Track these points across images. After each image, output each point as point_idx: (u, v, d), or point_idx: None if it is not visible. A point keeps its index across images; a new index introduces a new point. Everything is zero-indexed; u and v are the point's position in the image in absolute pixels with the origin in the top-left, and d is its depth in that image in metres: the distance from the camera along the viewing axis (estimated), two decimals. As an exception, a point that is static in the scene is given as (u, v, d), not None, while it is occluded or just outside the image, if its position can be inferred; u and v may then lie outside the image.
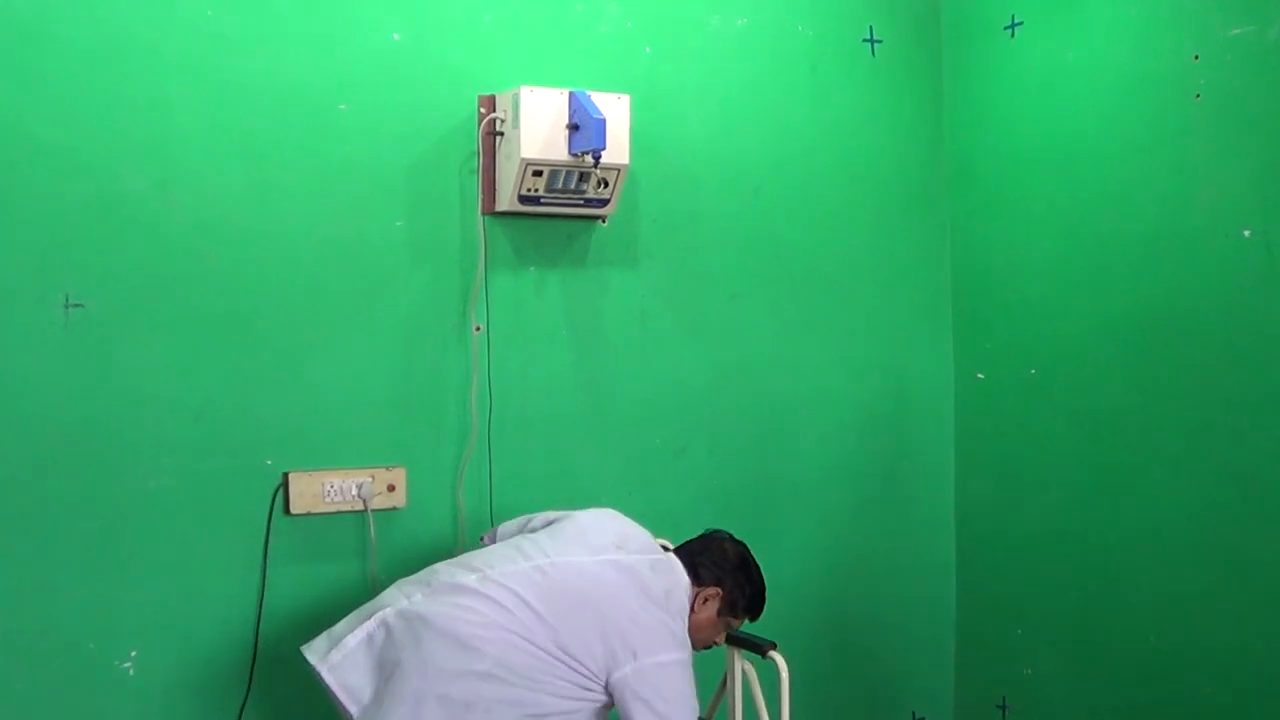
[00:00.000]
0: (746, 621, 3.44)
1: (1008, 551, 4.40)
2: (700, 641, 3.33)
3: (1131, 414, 3.96)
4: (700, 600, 3.28)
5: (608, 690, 3.04)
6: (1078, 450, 4.13)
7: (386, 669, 2.96)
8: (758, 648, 3.59)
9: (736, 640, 3.65)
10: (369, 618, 3.05)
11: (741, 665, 3.63)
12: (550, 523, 3.40)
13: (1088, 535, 4.11)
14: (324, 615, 3.25)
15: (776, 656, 3.55)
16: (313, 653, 3.06)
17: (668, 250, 4.07)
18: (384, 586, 3.24)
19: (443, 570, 3.14)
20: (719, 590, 3.29)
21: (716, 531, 3.44)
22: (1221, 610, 3.73)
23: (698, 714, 3.12)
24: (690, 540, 3.41)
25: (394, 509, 3.64)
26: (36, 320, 3.23)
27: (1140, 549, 3.94)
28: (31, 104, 3.22)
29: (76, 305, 3.27)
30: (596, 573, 3.11)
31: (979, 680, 4.53)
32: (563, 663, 2.99)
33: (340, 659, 3.00)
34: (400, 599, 3.07)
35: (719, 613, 3.32)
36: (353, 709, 2.96)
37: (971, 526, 4.54)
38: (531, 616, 2.99)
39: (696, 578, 3.28)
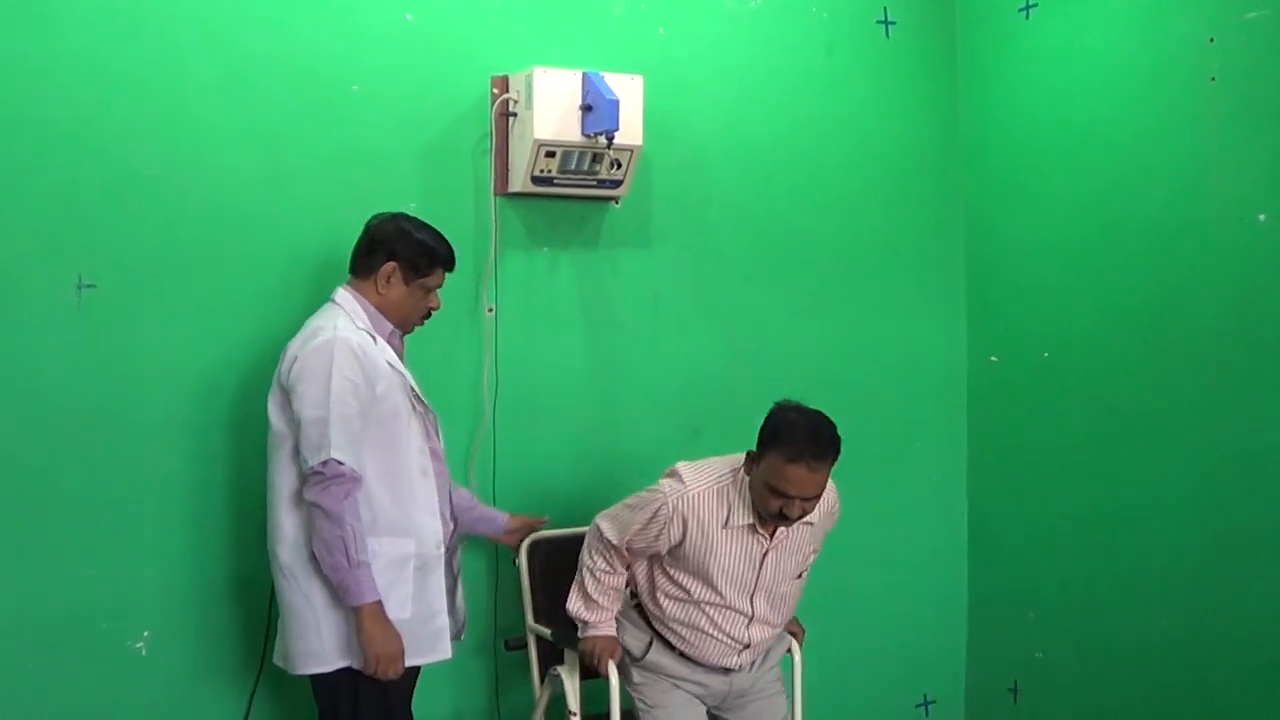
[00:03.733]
0: (445, 274, 3.31)
1: (1020, 535, 4.40)
2: (411, 314, 3.28)
3: (1145, 398, 3.95)
4: (383, 282, 3.22)
5: None
6: (1090, 434, 4.12)
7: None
8: (769, 630, 3.59)
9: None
10: None
11: (753, 647, 3.63)
12: None
13: (1100, 519, 4.10)
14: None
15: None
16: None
17: (681, 232, 4.06)
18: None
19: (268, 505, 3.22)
20: (393, 264, 3.22)
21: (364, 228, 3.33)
22: (1232, 594, 3.73)
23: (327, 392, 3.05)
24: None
25: (406, 490, 3.64)
26: (49, 301, 3.24)
27: (1152, 533, 3.94)
28: (43, 86, 3.22)
29: (89, 286, 3.27)
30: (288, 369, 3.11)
31: (991, 664, 4.53)
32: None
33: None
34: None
35: (407, 281, 3.24)
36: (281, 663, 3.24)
37: (983, 510, 4.54)
38: (288, 471, 3.11)
39: (369, 270, 3.22)
